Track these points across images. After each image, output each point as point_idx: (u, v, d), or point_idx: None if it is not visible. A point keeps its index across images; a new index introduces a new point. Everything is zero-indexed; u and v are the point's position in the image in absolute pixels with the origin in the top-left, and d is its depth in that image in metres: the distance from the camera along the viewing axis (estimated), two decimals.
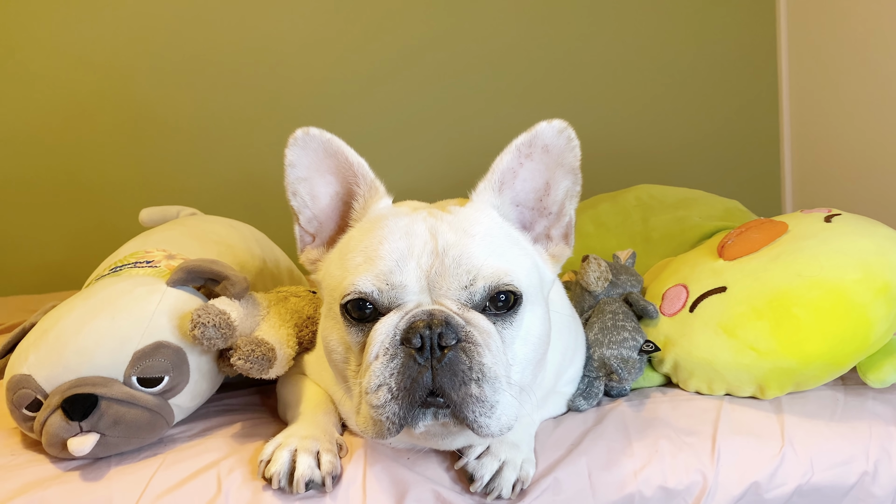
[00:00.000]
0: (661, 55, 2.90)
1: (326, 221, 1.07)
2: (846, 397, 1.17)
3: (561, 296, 1.22)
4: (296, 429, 1.07)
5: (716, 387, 1.21)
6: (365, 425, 0.90)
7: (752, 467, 1.05)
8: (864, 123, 2.50)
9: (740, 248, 1.29)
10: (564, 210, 1.05)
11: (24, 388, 1.06)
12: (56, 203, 2.69)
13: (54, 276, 2.63)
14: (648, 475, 1.03)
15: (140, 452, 1.08)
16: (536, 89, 2.86)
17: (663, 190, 1.94)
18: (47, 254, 2.71)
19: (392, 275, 0.91)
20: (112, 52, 2.65)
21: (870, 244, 1.19)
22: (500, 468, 1.00)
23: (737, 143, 2.97)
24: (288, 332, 1.19)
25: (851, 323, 1.12)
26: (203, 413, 1.21)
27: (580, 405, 1.19)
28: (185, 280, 1.17)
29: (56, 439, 1.02)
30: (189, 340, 1.09)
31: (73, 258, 2.64)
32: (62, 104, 2.65)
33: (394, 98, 2.80)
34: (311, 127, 1.01)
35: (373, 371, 0.88)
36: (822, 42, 2.68)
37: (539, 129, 0.99)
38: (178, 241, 1.42)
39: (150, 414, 1.06)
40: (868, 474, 1.06)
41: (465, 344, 0.88)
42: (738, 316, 1.19)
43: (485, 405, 0.87)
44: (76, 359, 1.05)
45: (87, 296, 1.15)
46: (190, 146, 2.73)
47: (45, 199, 2.69)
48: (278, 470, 0.98)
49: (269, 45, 2.73)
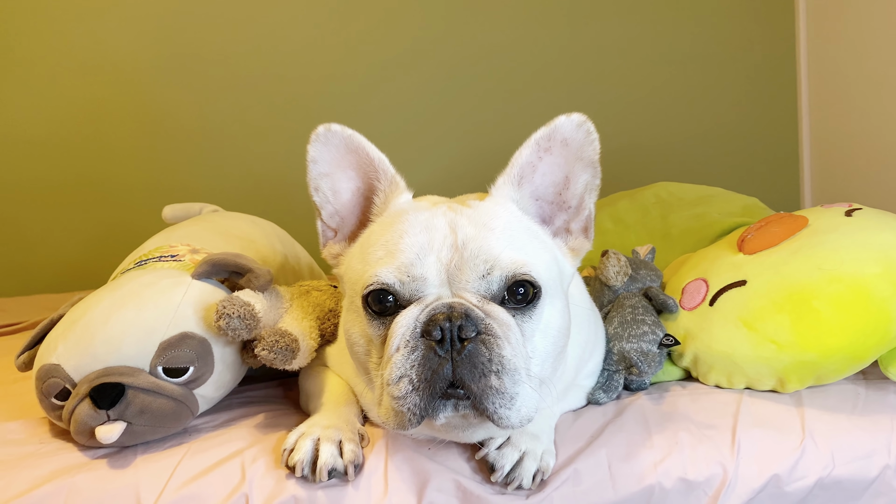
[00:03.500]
0: (680, 51, 2.90)
1: (348, 216, 1.08)
2: (867, 391, 1.17)
3: (581, 290, 1.22)
4: (318, 419, 1.08)
5: (736, 380, 1.21)
6: (386, 416, 0.90)
7: (773, 460, 1.04)
8: (883, 117, 2.47)
9: (760, 242, 1.29)
10: (584, 204, 1.05)
11: (53, 378, 1.08)
12: (77, 203, 2.73)
13: (75, 275, 2.66)
14: (668, 467, 1.03)
15: (165, 441, 1.10)
16: (554, 83, 2.86)
17: (682, 187, 1.94)
18: (68, 253, 2.74)
19: (413, 267, 0.92)
20: (129, 56, 2.69)
21: (891, 238, 1.19)
22: (520, 458, 1.00)
23: (755, 139, 2.96)
24: (310, 324, 1.20)
25: (872, 317, 1.12)
26: (226, 404, 1.23)
27: (600, 398, 1.20)
28: (209, 273, 1.19)
29: (84, 427, 1.04)
30: (214, 331, 1.11)
31: (93, 257, 2.66)
32: (82, 107, 2.69)
33: (410, 93, 2.81)
34: (333, 123, 1.03)
35: (394, 363, 0.89)
36: (841, 36, 2.65)
37: (558, 123, 1.00)
38: (201, 236, 1.44)
39: (176, 403, 1.08)
40: (890, 468, 1.05)
41: (484, 336, 0.88)
42: (759, 309, 1.19)
43: (504, 397, 0.88)
44: (104, 349, 1.07)
45: (113, 288, 1.17)
46: (208, 146, 2.76)
47: (66, 200, 2.72)
48: (301, 458, 0.99)
49: (282, 45, 2.76)
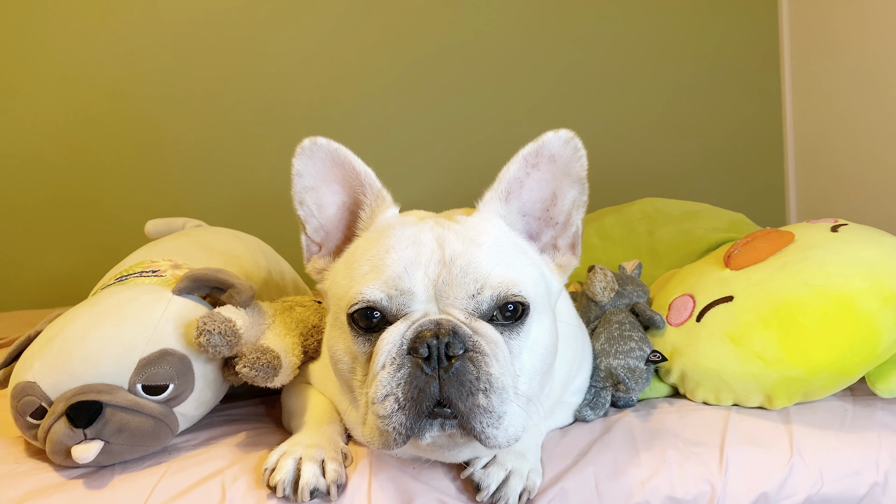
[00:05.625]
0: (666, 69, 2.92)
1: (333, 231, 1.07)
2: (855, 407, 1.17)
3: (568, 306, 1.21)
4: (300, 437, 1.06)
5: (723, 397, 1.20)
6: (371, 435, 0.89)
7: (761, 477, 1.03)
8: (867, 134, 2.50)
9: (747, 258, 1.28)
10: (571, 220, 1.05)
11: (29, 396, 1.05)
12: (60, 218, 2.70)
13: (58, 291, 2.63)
14: (656, 485, 1.02)
15: (144, 461, 1.07)
16: (541, 102, 2.87)
17: (668, 203, 1.94)
18: (51, 269, 2.71)
19: (401, 280, 0.91)
20: (112, 71, 2.67)
21: (877, 253, 1.19)
22: (506, 478, 0.99)
23: (741, 156, 2.98)
24: (293, 340, 1.18)
25: (859, 332, 1.12)
26: (207, 422, 1.21)
27: (587, 415, 1.19)
28: (190, 288, 1.17)
29: (60, 447, 1.02)
30: (194, 348, 1.09)
31: (77, 273, 2.64)
32: (66, 122, 2.67)
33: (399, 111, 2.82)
34: (319, 136, 1.02)
35: (379, 381, 0.87)
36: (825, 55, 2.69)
37: (546, 139, 0.99)
38: (184, 251, 1.42)
39: (155, 422, 1.06)
40: (878, 485, 1.04)
41: (472, 354, 0.87)
42: (745, 325, 1.19)
43: (492, 416, 0.86)
44: (81, 366, 1.05)
45: (92, 304, 1.15)
46: (194, 161, 2.75)
47: (49, 215, 2.70)
48: (283, 478, 0.97)
49: (273, 61, 2.75)
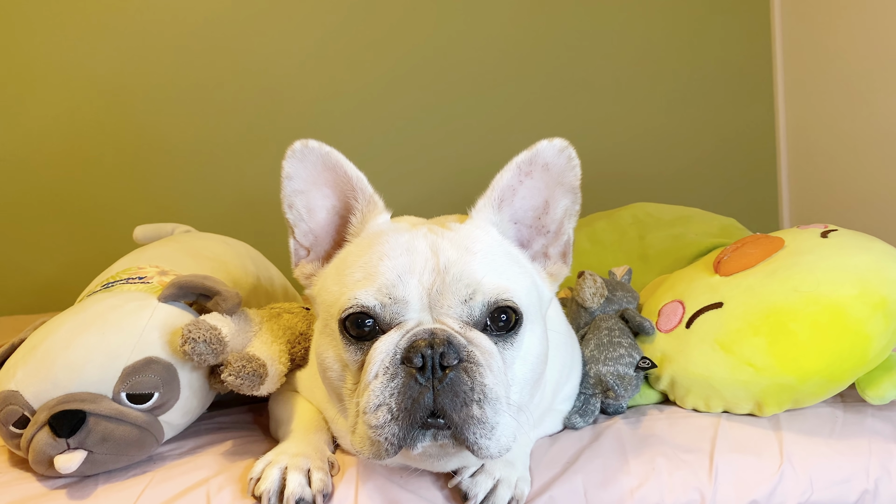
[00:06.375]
0: (660, 76, 2.92)
1: (322, 235, 1.06)
2: (845, 414, 1.16)
3: (558, 313, 1.21)
4: (287, 446, 1.05)
5: (713, 404, 1.19)
6: (361, 445, 0.88)
7: (751, 485, 1.03)
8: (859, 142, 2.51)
9: (737, 264, 1.28)
10: (563, 229, 1.04)
11: (12, 405, 1.04)
12: (50, 223, 2.68)
13: (47, 297, 2.61)
14: (645, 493, 1.01)
15: (128, 470, 1.06)
16: (534, 108, 2.86)
17: (659, 208, 1.94)
18: (41, 274, 2.69)
19: (395, 288, 0.90)
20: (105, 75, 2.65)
21: (867, 259, 1.19)
22: (494, 486, 0.98)
23: (735, 164, 2.98)
24: (280, 348, 1.17)
25: (849, 338, 1.11)
26: (193, 431, 1.20)
27: (576, 423, 1.18)
28: (176, 295, 1.16)
29: (43, 456, 1.00)
30: (180, 356, 1.08)
31: (66, 278, 2.61)
32: (56, 126, 2.65)
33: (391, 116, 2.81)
34: (310, 139, 1.01)
35: (372, 390, 0.86)
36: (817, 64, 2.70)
37: (540, 148, 0.98)
38: (171, 257, 1.40)
39: (140, 431, 1.05)
40: (869, 492, 1.04)
41: (466, 364, 0.86)
42: (735, 332, 1.18)
43: (486, 427, 0.85)
44: (64, 374, 1.03)
45: (77, 311, 1.14)
46: (185, 166, 2.73)
47: (39, 219, 2.67)
48: (268, 488, 0.96)
49: (265, 68, 2.74)
